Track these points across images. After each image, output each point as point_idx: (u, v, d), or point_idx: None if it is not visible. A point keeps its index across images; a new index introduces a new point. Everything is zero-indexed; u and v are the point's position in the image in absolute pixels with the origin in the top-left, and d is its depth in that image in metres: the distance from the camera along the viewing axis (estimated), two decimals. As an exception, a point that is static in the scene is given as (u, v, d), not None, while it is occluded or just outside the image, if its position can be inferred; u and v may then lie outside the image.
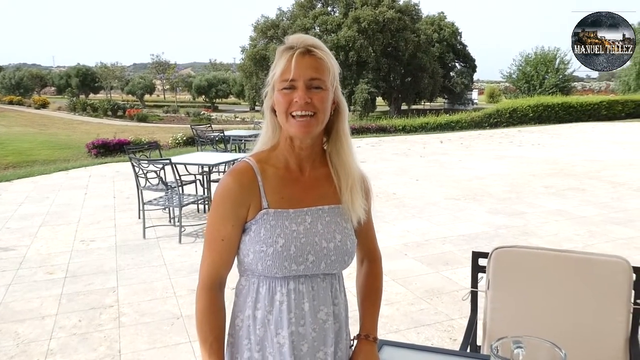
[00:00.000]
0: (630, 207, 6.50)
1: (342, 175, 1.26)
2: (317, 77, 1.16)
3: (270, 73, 1.20)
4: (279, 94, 1.17)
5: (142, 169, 5.41)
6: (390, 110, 33.21)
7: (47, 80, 55.01)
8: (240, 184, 1.21)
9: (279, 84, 1.17)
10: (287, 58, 1.15)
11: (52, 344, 3.15)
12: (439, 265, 4.48)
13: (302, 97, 1.14)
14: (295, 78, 1.14)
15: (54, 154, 14.03)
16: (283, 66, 1.15)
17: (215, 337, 1.24)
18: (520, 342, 1.10)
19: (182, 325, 3.38)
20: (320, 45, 1.18)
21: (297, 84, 1.15)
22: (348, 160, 1.27)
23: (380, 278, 1.45)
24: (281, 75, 1.16)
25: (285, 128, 1.20)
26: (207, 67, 68.33)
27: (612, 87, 47.01)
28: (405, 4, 32.21)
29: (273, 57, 1.24)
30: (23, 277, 4.29)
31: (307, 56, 1.15)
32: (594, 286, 1.91)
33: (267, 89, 1.22)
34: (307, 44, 1.16)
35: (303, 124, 1.16)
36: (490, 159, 11.03)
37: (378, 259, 1.46)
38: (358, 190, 1.27)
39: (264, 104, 1.25)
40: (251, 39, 32.41)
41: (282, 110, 1.17)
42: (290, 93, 1.16)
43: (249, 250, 1.21)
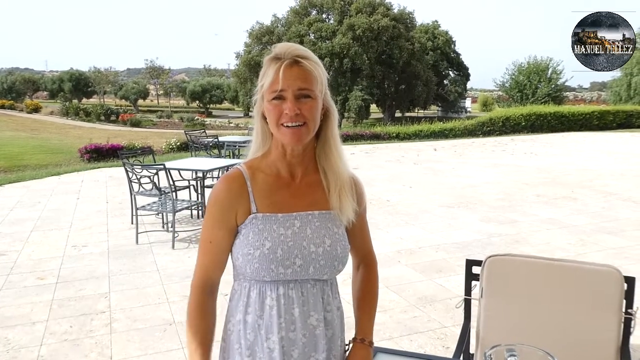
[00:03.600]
0: (621, 217, 6.55)
1: (330, 178, 1.28)
2: (305, 87, 1.17)
3: (259, 82, 1.22)
4: (269, 105, 1.19)
5: (135, 174, 5.39)
6: (384, 117, 33.35)
7: (40, 84, 54.76)
8: (230, 190, 1.24)
9: (268, 95, 1.18)
10: (275, 69, 1.16)
11: (42, 350, 3.12)
12: (432, 272, 4.49)
13: (291, 109, 1.16)
14: (284, 89, 1.16)
15: (46, 158, 13.95)
16: (271, 77, 1.16)
17: (201, 340, 1.25)
18: (514, 351, 1.11)
19: (174, 331, 3.36)
20: (308, 55, 1.18)
21: (286, 95, 1.16)
22: (336, 162, 1.28)
23: (376, 283, 1.46)
24: (270, 86, 1.17)
25: (277, 137, 1.22)
26: (201, 73, 68.34)
27: (603, 97, 47.50)
28: (400, 12, 32.47)
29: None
30: (13, 282, 4.25)
31: (295, 67, 1.16)
32: (586, 295, 1.93)
33: (257, 96, 1.24)
34: (294, 55, 1.17)
35: (294, 133, 1.18)
36: (483, 167, 11.09)
37: (374, 263, 1.47)
38: (347, 192, 1.29)
39: (254, 110, 1.27)
40: (246, 45, 32.52)
41: (273, 121, 1.19)
42: (279, 104, 1.17)
43: (238, 254, 1.23)
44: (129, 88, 47.48)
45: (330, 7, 31.98)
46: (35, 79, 56.27)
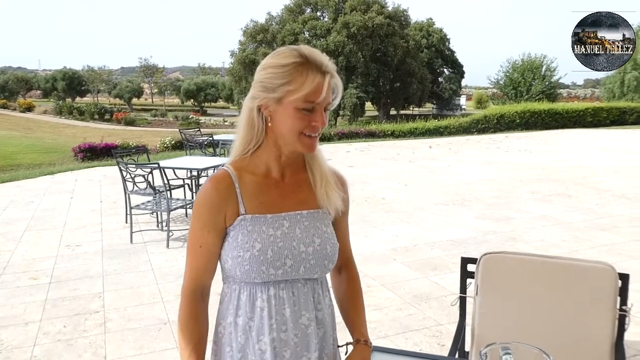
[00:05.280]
0: (615, 213, 6.58)
1: (316, 172, 1.29)
2: (331, 102, 1.19)
3: (279, 82, 1.14)
4: (295, 112, 1.15)
5: (129, 173, 5.36)
6: (379, 115, 33.38)
7: (33, 83, 54.45)
8: (217, 191, 1.22)
9: (299, 103, 1.14)
10: (317, 81, 1.13)
11: (36, 350, 3.10)
12: (428, 270, 4.50)
13: (323, 122, 1.17)
14: (320, 103, 1.15)
15: (40, 157, 13.87)
16: (312, 88, 1.13)
17: (194, 346, 1.23)
18: (509, 349, 1.10)
19: (169, 331, 3.35)
20: (335, 69, 1.20)
21: (318, 108, 1.16)
22: (320, 157, 1.31)
23: (360, 283, 1.47)
24: (308, 96, 1.13)
25: (292, 144, 1.20)
26: (195, 71, 68.11)
27: (597, 95, 47.72)
28: (394, 9, 32.47)
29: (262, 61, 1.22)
30: (6, 282, 4.22)
31: (331, 81, 1.17)
32: (580, 292, 1.93)
33: (266, 94, 1.17)
34: (333, 68, 1.18)
35: (313, 143, 1.20)
36: (478, 164, 11.11)
37: (354, 263, 1.48)
38: (331, 182, 1.30)
39: (249, 104, 1.21)
40: (240, 43, 32.41)
41: (295, 129, 1.17)
42: (309, 115, 1.16)
43: (227, 256, 1.22)
44: (123, 87, 47.27)
45: (325, 5, 31.94)
46: (29, 77, 55.96)
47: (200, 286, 1.26)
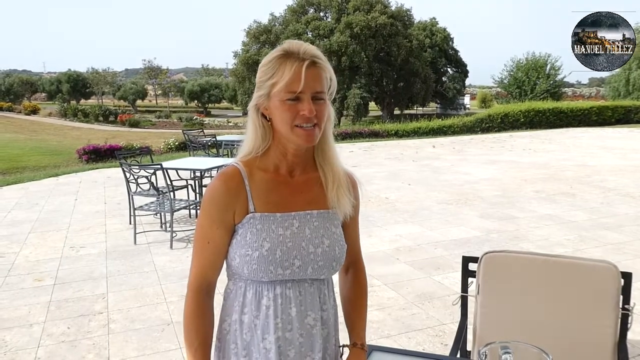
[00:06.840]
0: (620, 213, 6.55)
1: (328, 173, 1.27)
2: (321, 90, 1.16)
3: (265, 79, 1.17)
4: (281, 105, 1.15)
5: (133, 175, 5.38)
6: (383, 115, 33.33)
7: (38, 86, 54.75)
8: (227, 188, 1.21)
9: (282, 94, 1.14)
10: (294, 69, 1.13)
11: (40, 352, 3.11)
12: (431, 269, 4.49)
13: (310, 111, 1.14)
14: (303, 91, 1.13)
15: (44, 160, 13.94)
16: (289, 77, 1.13)
17: (200, 342, 1.23)
18: (508, 348, 1.10)
19: (172, 331, 3.36)
20: (322, 56, 1.17)
21: (304, 96, 1.14)
22: (333, 158, 1.28)
23: (366, 285, 1.46)
24: (287, 86, 1.13)
25: (288, 137, 1.19)
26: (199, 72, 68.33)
27: (602, 93, 47.48)
28: (398, 9, 32.42)
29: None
30: (11, 284, 4.24)
31: (312, 68, 1.14)
32: (583, 291, 1.92)
33: (258, 93, 1.19)
34: (312, 55, 1.15)
35: (309, 134, 1.17)
36: (482, 164, 11.08)
37: (363, 265, 1.46)
38: (344, 186, 1.28)
39: (252, 106, 1.23)
40: (244, 44, 32.47)
41: (287, 121, 1.16)
42: (295, 104, 1.14)
43: (235, 254, 1.21)
44: (127, 88, 47.47)
45: (328, 5, 31.96)
46: (33, 80, 56.24)
47: (207, 282, 1.25)
